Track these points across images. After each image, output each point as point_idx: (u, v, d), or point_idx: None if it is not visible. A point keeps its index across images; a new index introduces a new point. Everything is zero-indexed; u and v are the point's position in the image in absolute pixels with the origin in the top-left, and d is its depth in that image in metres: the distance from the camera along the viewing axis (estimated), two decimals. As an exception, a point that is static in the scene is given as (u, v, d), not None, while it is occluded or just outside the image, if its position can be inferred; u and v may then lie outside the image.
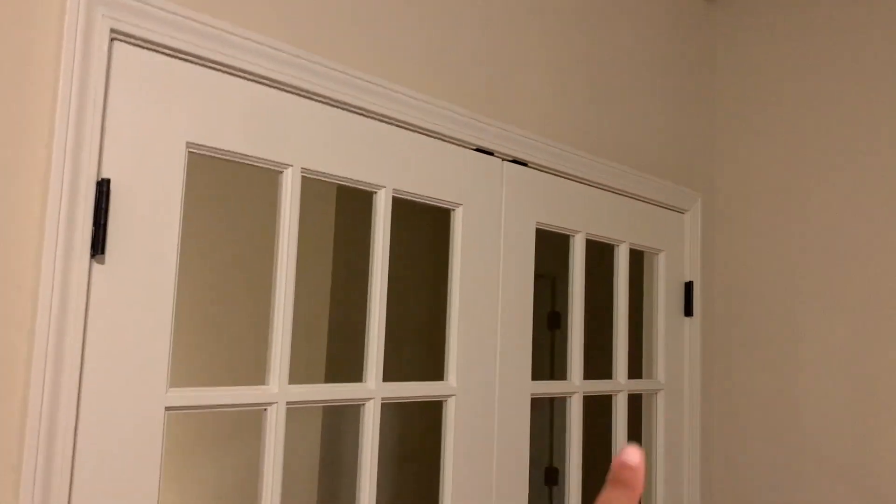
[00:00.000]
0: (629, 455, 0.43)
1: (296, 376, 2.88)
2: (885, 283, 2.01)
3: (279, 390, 1.30)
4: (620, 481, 0.43)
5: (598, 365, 2.27)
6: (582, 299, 1.90)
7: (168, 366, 1.15)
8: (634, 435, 2.20)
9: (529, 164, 1.76)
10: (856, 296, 2.05)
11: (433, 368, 3.15)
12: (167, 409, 1.14)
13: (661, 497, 2.09)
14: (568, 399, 1.85)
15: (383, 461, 3.17)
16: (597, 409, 2.24)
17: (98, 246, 1.06)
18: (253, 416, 3.04)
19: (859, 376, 2.02)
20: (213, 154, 1.23)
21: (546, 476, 4.52)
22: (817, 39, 2.21)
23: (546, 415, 4.52)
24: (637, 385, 2.04)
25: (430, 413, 3.15)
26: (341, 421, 2.96)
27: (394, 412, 3.20)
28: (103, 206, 1.07)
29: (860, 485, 1.99)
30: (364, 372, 1.46)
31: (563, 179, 1.85)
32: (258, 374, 2.87)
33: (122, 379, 1.09)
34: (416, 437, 3.27)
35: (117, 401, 1.09)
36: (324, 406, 2.93)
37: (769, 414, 2.16)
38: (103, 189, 1.07)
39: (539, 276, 3.72)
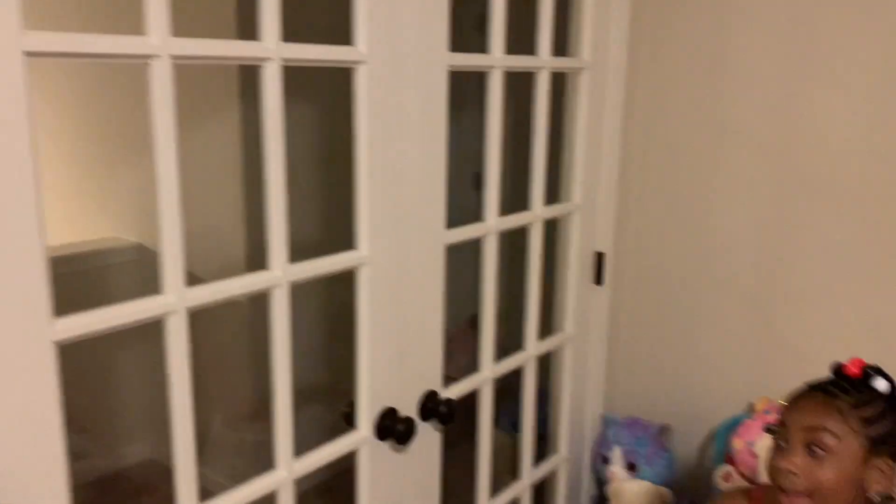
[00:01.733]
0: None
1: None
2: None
3: (161, 42, 1.17)
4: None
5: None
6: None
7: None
8: (556, 118, 2.16)
9: None
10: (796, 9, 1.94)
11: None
12: (25, 53, 1.02)
13: (581, 175, 2.11)
14: (487, 75, 1.78)
15: (304, 162, 3.14)
16: (522, 101, 2.18)
17: None
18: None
19: (787, 82, 1.97)
20: None
21: (475, 181, 4.60)
22: None
23: (478, 118, 4.49)
24: (560, 63, 1.96)
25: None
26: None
27: (309, 102, 3.11)
28: None
29: (781, 162, 2.02)
30: (259, 29, 1.33)
31: None
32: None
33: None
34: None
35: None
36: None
37: (694, 95, 2.13)
38: None
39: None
